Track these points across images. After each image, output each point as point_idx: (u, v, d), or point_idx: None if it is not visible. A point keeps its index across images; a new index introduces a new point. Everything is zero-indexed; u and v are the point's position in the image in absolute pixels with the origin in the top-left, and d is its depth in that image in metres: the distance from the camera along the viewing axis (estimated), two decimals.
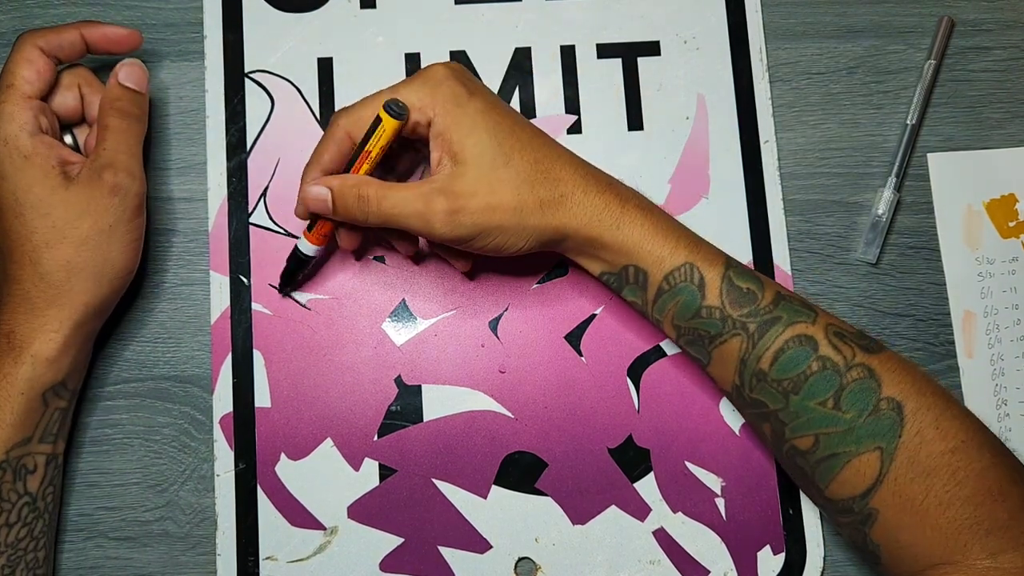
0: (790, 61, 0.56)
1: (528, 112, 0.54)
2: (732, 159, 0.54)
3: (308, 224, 0.47)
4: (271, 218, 0.52)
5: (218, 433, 0.50)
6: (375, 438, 0.50)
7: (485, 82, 0.54)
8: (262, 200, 0.52)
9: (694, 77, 0.55)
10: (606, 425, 0.51)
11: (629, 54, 0.55)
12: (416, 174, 0.51)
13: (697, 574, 0.50)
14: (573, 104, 0.54)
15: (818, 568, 0.50)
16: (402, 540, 0.49)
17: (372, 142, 0.44)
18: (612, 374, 0.51)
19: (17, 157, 0.44)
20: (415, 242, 0.50)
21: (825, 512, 0.45)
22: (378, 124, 0.43)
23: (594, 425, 0.51)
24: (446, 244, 0.45)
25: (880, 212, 0.53)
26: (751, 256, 0.53)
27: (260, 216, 0.52)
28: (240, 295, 0.51)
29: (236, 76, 0.53)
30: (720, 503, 0.50)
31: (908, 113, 0.55)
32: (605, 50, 0.55)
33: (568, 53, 0.55)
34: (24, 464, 0.45)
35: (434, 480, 0.50)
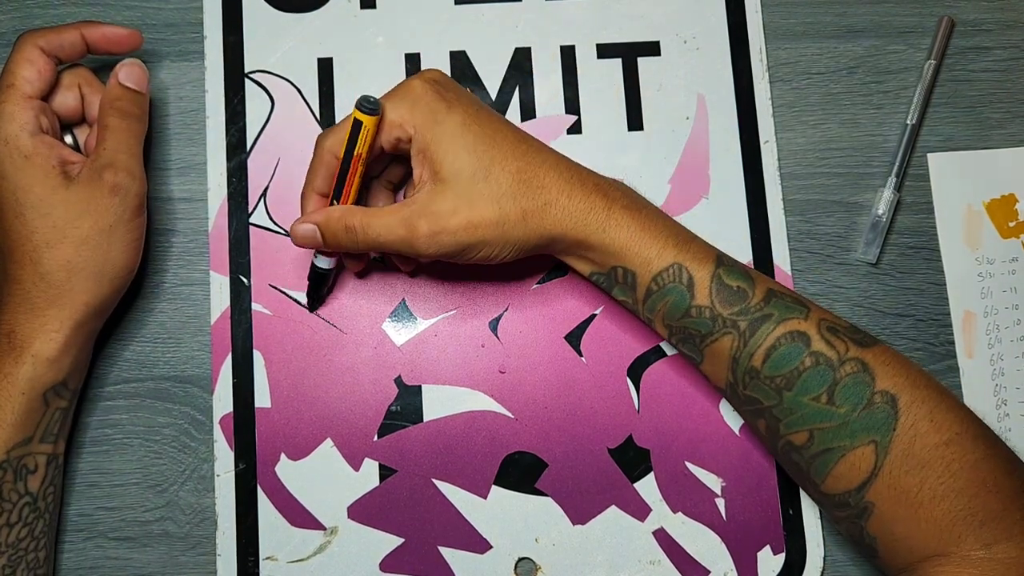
0: (790, 61, 0.56)
1: (528, 112, 0.54)
2: (732, 159, 0.54)
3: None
4: (271, 218, 0.52)
5: (218, 433, 0.50)
6: (375, 438, 0.50)
7: (485, 83, 0.54)
8: (262, 200, 0.52)
9: (694, 77, 0.55)
10: (606, 425, 0.51)
11: (629, 54, 0.55)
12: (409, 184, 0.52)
13: (697, 574, 0.50)
14: (573, 104, 0.54)
15: (818, 568, 0.50)
16: (402, 540, 0.49)
17: (358, 145, 0.44)
18: (612, 374, 0.51)
19: (18, 157, 0.44)
20: (413, 261, 0.51)
21: (822, 507, 0.45)
22: (358, 127, 0.43)
23: (594, 425, 0.51)
24: (432, 259, 0.46)
25: (880, 212, 0.53)
26: (751, 256, 0.53)
27: (260, 216, 0.52)
28: (240, 295, 0.51)
29: (236, 76, 0.53)
30: (720, 503, 0.50)
31: (908, 113, 0.55)
32: (605, 50, 0.55)
33: (568, 53, 0.55)
34: (25, 464, 0.45)
35: (434, 480, 0.50)
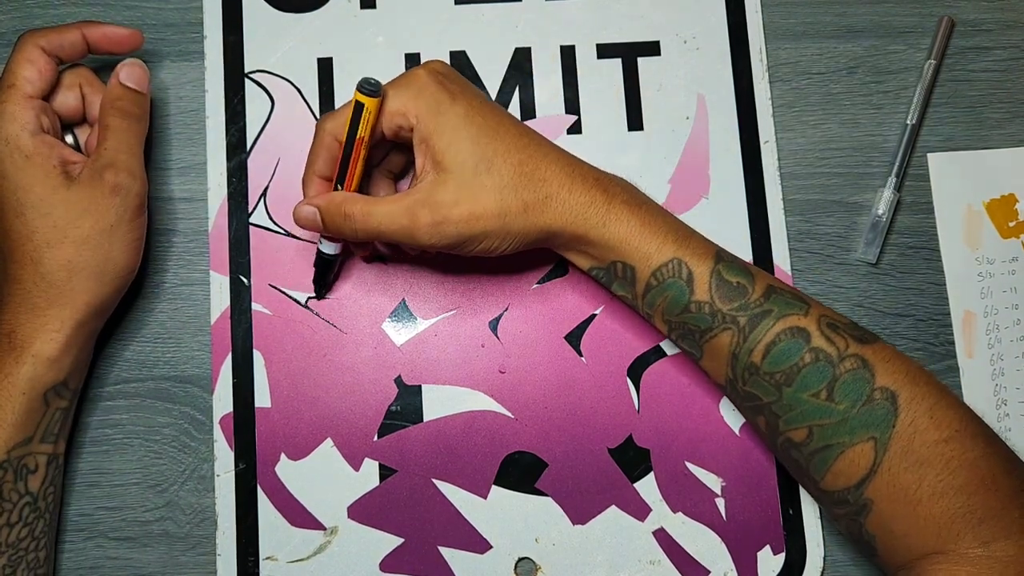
0: (790, 61, 0.56)
1: (528, 112, 0.54)
2: (732, 159, 0.54)
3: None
4: (271, 218, 0.52)
5: (218, 433, 0.50)
6: (375, 438, 0.50)
7: (485, 83, 0.54)
8: (262, 200, 0.52)
9: (694, 77, 0.55)
10: (606, 425, 0.51)
11: (629, 54, 0.55)
12: (410, 174, 0.52)
13: (697, 574, 0.50)
14: (573, 104, 0.54)
15: (818, 568, 0.50)
16: (402, 540, 0.49)
17: (361, 128, 0.44)
18: (612, 374, 0.51)
19: (18, 157, 0.44)
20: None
21: (821, 504, 0.45)
22: (360, 110, 0.44)
23: (594, 425, 0.51)
24: (434, 251, 0.46)
25: (880, 212, 0.53)
26: (751, 256, 0.53)
27: (260, 216, 0.52)
28: (240, 295, 0.51)
29: (236, 76, 0.53)
30: (720, 503, 0.50)
31: (908, 113, 0.55)
32: (605, 50, 0.55)
33: (568, 53, 0.55)
34: (25, 464, 0.45)
35: (434, 480, 0.50)
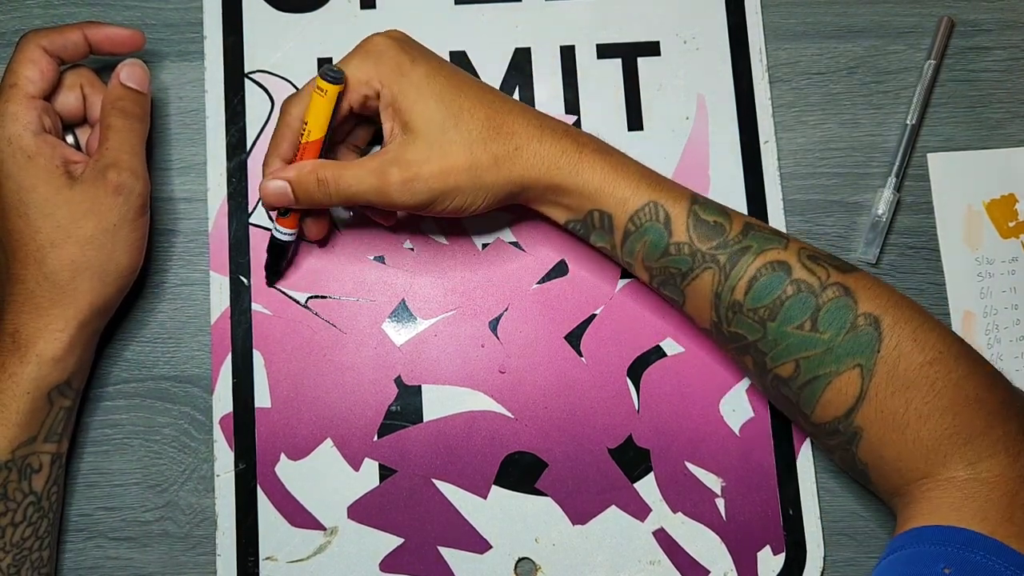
0: (790, 61, 0.56)
1: None
2: (732, 159, 0.54)
3: (279, 211, 0.48)
4: (271, 218, 0.52)
5: (218, 433, 0.50)
6: (375, 438, 0.50)
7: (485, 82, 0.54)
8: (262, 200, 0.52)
9: (694, 77, 0.55)
10: (606, 425, 0.51)
11: (629, 54, 0.55)
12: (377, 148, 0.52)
13: (697, 574, 0.50)
14: (573, 105, 0.54)
15: (818, 568, 0.50)
16: (402, 540, 0.49)
17: (317, 113, 0.44)
18: (612, 374, 0.51)
19: (21, 157, 0.44)
20: (392, 214, 0.50)
21: (815, 439, 0.45)
22: (336, 98, 0.44)
23: (594, 425, 0.51)
24: (408, 211, 0.46)
25: (880, 212, 0.53)
26: None
27: (260, 216, 0.52)
28: (240, 295, 0.51)
29: (236, 76, 0.53)
30: (720, 503, 0.50)
31: (908, 113, 0.55)
32: (605, 50, 0.55)
33: (568, 53, 0.55)
34: (29, 463, 0.45)
35: (434, 480, 0.50)
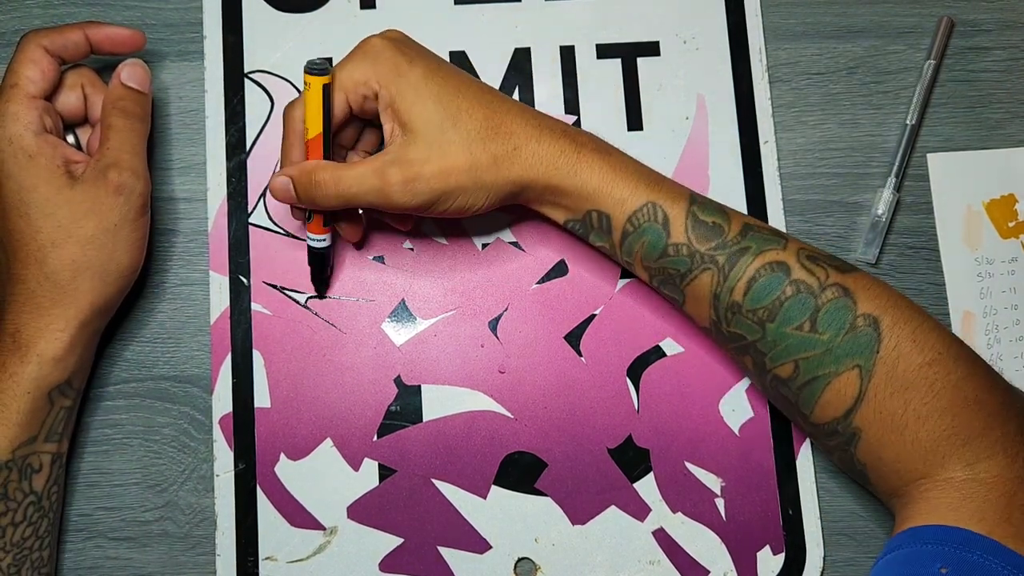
0: (790, 61, 0.56)
1: None
2: (732, 159, 0.54)
3: (305, 217, 0.48)
4: (271, 218, 0.52)
5: (218, 433, 0.50)
6: (375, 438, 0.50)
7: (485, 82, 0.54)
8: (262, 200, 0.52)
9: (694, 77, 0.55)
10: (606, 425, 0.51)
11: (629, 54, 0.55)
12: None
13: (697, 574, 0.50)
14: (573, 105, 0.54)
15: (818, 568, 0.50)
16: (402, 540, 0.49)
17: (309, 108, 0.44)
18: (612, 374, 0.51)
19: (22, 156, 0.44)
20: (409, 218, 0.50)
21: (814, 439, 0.45)
22: (327, 93, 0.44)
23: (594, 425, 0.51)
24: (408, 213, 0.45)
25: (880, 212, 0.53)
26: None
27: (260, 216, 0.52)
28: (240, 295, 0.51)
29: (236, 76, 0.53)
30: (720, 503, 0.50)
31: (908, 113, 0.55)
32: (605, 50, 0.55)
33: (568, 53, 0.55)
34: (30, 463, 0.45)
35: (434, 480, 0.50)
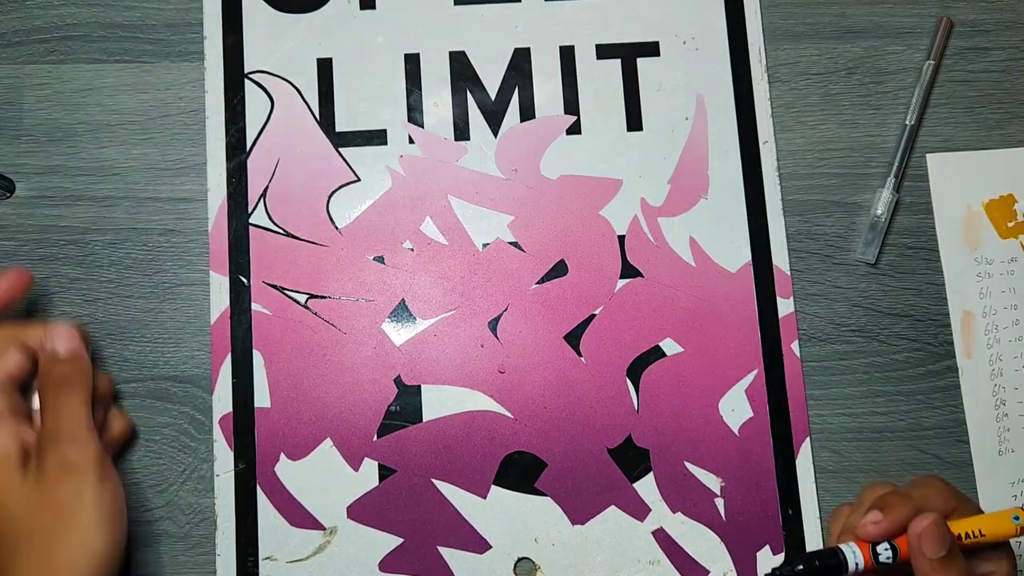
0: (789, 62, 0.56)
1: (527, 113, 0.54)
2: (731, 160, 0.54)
3: (873, 547, 0.40)
4: (271, 218, 0.52)
5: (218, 433, 0.50)
6: (375, 438, 0.50)
7: (484, 83, 0.54)
8: (262, 200, 0.52)
9: (693, 78, 0.55)
10: (605, 425, 0.51)
11: (628, 55, 0.55)
12: None
13: (696, 574, 0.50)
14: (572, 105, 0.54)
15: None
16: (401, 540, 0.50)
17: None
18: (611, 374, 0.51)
19: None
20: None
21: None
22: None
23: (593, 425, 0.51)
24: None
25: (879, 212, 0.53)
26: (750, 257, 0.53)
27: (260, 216, 0.52)
28: (240, 295, 0.51)
29: (236, 76, 0.53)
30: (719, 503, 0.50)
31: (907, 114, 0.55)
32: (604, 51, 0.55)
33: (567, 54, 0.55)
34: None
35: (433, 480, 0.50)
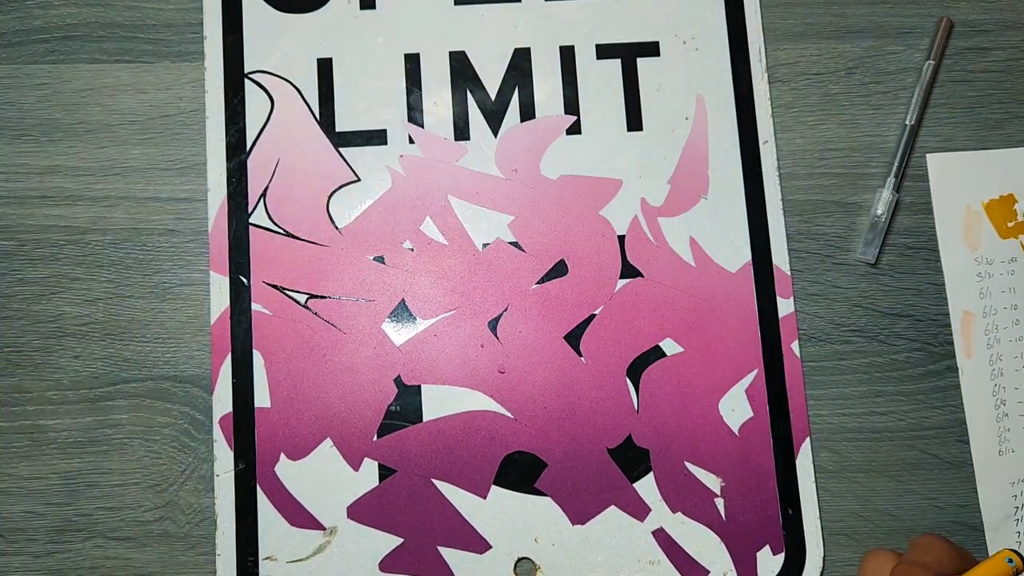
0: (789, 62, 0.56)
1: (527, 113, 0.54)
2: (731, 160, 0.54)
3: None
4: (271, 218, 0.52)
5: (218, 433, 0.50)
6: (375, 438, 0.50)
7: (485, 83, 0.54)
8: (262, 200, 0.52)
9: (693, 78, 0.55)
10: (605, 425, 0.51)
11: (628, 55, 0.55)
12: None
13: (697, 574, 0.50)
14: (572, 105, 0.54)
15: (818, 568, 0.50)
16: (401, 540, 0.50)
17: None
18: (611, 374, 0.51)
19: None
20: None
21: None
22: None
23: (593, 425, 0.51)
24: None
25: (879, 212, 0.53)
26: (750, 256, 0.53)
27: (260, 216, 0.52)
28: (240, 295, 0.51)
29: (236, 76, 0.53)
30: (719, 503, 0.50)
31: (907, 114, 0.55)
32: (604, 51, 0.55)
33: (567, 54, 0.55)
34: None
35: (433, 480, 0.50)
